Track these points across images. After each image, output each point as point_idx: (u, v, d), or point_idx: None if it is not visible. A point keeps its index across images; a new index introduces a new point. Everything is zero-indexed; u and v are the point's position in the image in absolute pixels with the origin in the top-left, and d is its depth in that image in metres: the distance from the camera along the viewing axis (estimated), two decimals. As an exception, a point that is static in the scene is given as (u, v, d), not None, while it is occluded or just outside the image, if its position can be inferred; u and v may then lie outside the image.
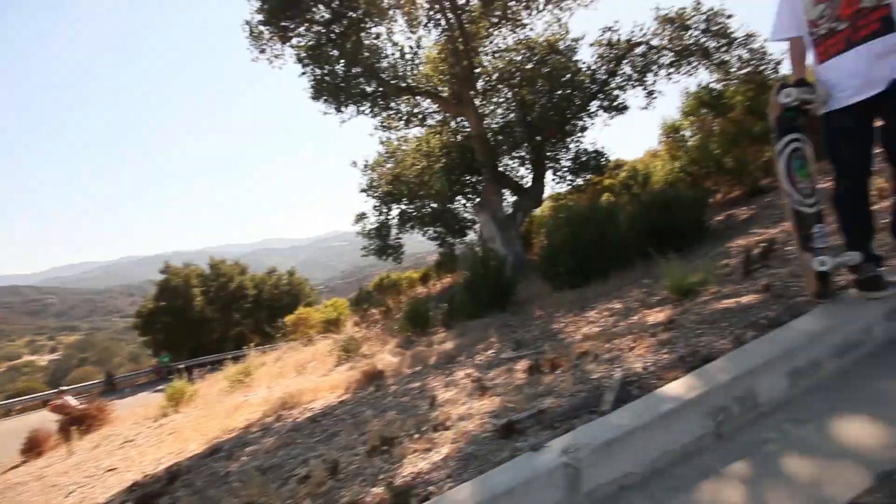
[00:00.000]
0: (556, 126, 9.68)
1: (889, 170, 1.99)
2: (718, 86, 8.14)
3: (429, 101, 11.62)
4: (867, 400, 1.59)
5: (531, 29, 11.55)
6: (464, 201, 11.92)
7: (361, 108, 9.82)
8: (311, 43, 9.31)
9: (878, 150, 2.04)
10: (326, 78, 9.56)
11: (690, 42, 8.34)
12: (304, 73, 9.25)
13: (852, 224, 2.02)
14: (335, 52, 9.33)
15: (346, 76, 9.69)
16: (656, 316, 3.16)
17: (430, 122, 12.61)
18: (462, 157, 10.85)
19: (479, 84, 12.02)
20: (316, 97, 9.36)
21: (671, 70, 8.88)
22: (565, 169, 10.89)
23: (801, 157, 2.13)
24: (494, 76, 11.70)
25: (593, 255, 5.65)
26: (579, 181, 10.98)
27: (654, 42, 8.83)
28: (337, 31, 9.29)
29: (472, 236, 12.72)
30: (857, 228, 2.01)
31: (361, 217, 13.24)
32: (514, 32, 10.44)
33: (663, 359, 2.24)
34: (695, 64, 8.62)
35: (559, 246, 5.72)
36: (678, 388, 1.78)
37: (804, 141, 2.13)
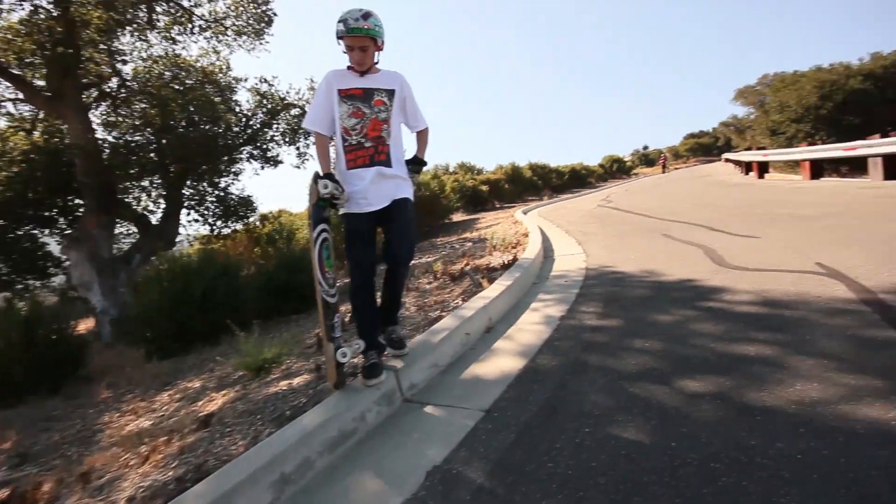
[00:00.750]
0: (199, 161, 8.59)
1: (386, 270, 2.35)
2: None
3: (7, 84, 8.20)
4: (335, 500, 1.59)
5: (183, 48, 10.28)
6: (48, 230, 8.62)
7: None
8: None
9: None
10: None
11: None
12: None
13: (360, 315, 2.23)
14: None
15: None
16: (217, 402, 2.75)
17: (10, 111, 8.88)
18: (54, 170, 7.97)
19: (108, 87, 9.54)
20: None
21: (322, 139, 9.58)
22: (210, 211, 9.74)
23: (328, 248, 2.24)
24: (132, 84, 9.54)
25: (202, 317, 4.90)
26: (226, 228, 10.02)
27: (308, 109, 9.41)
28: None
29: (63, 278, 9.32)
30: (364, 319, 2.23)
31: None
32: (141, 40, 8.91)
33: (162, 480, 1.78)
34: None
35: (155, 305, 4.67)
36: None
37: (330, 232, 2.27)
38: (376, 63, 2.23)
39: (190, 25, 9.99)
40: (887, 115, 14.64)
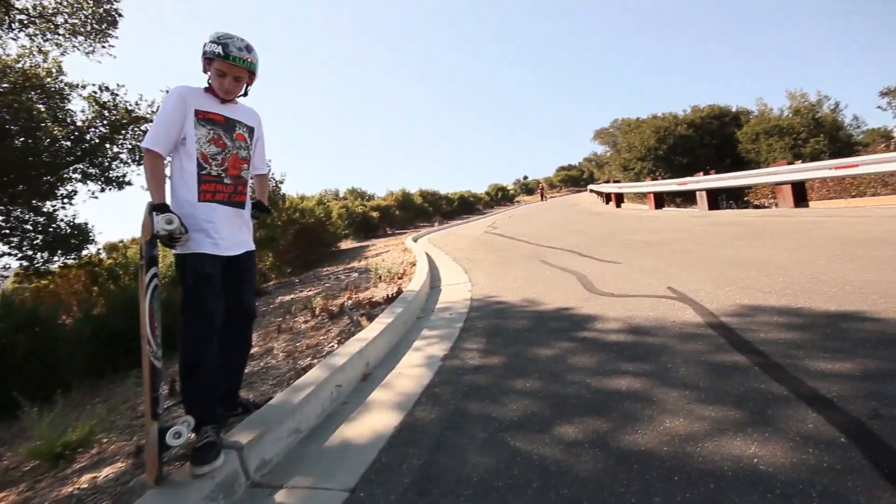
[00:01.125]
0: (11, 180, 6.88)
1: (235, 327, 2.01)
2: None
3: None
4: None
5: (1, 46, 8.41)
6: None
7: None
8: None
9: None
10: None
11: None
12: None
13: (201, 380, 1.79)
14: None
15: None
16: (-21, 516, 1.98)
17: None
18: None
19: None
20: None
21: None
22: (28, 242, 7.84)
23: (159, 298, 1.77)
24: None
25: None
26: (52, 263, 8.15)
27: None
28: None
29: None
30: (204, 385, 1.79)
31: None
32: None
33: None
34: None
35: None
36: None
37: (160, 278, 1.80)
38: (243, 95, 2.03)
39: (7, 19, 8.23)
40: (705, 157, 17.92)
